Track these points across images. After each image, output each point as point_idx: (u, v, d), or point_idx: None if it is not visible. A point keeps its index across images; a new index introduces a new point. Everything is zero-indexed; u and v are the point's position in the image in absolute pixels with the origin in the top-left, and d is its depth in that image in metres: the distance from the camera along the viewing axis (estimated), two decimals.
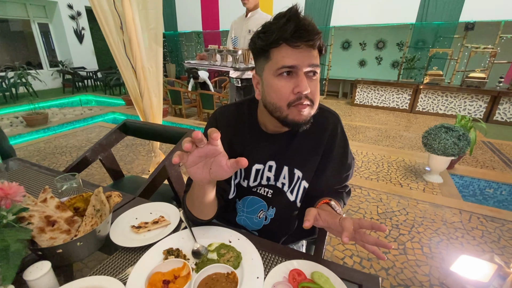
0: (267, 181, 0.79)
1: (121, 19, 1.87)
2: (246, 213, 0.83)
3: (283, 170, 0.76)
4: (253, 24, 2.02)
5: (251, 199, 0.82)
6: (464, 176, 2.96)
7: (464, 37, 6.04)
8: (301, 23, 0.58)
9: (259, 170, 0.77)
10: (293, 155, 0.75)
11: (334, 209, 0.67)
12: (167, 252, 0.64)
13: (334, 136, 0.75)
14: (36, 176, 1.07)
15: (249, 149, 0.76)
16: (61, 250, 0.59)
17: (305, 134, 0.74)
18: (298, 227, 0.84)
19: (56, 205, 0.72)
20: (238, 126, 0.78)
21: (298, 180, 0.76)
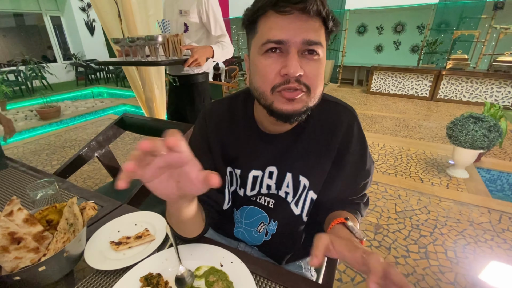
0: (268, 190, 0.67)
1: (118, 6, 1.75)
2: (245, 225, 0.72)
3: (285, 178, 0.64)
4: (184, 2, 1.47)
5: (250, 209, 0.71)
6: (491, 170, 2.73)
7: (493, 18, 5.53)
8: None
9: (257, 177, 0.65)
10: (298, 159, 0.62)
11: (352, 231, 0.52)
12: (145, 279, 0.54)
13: (349, 137, 0.60)
14: (21, 179, 0.99)
15: (245, 152, 0.64)
16: (18, 277, 0.50)
17: (312, 134, 0.61)
18: (304, 242, 0.72)
19: (24, 219, 0.62)
20: (232, 125, 0.65)
21: (304, 189, 0.63)
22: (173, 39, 1.23)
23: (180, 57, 1.27)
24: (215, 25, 1.46)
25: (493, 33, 5.64)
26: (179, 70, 1.52)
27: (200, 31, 1.51)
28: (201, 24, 1.49)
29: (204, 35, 1.53)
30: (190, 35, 1.51)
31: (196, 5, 1.43)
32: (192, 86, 1.60)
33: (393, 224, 1.88)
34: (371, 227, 1.85)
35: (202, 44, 1.52)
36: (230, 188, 0.69)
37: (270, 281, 0.56)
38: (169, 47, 1.24)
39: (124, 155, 2.91)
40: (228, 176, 0.67)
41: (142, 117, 1.50)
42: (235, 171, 0.66)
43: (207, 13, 1.43)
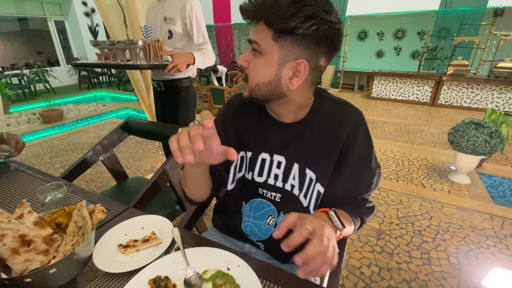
0: (275, 180, 0.69)
1: (124, 12, 1.78)
2: (253, 218, 0.74)
3: (292, 169, 0.67)
4: (169, 9, 1.47)
5: (259, 202, 0.73)
6: (493, 176, 2.73)
7: (493, 24, 5.59)
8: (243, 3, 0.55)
9: (265, 160, 0.69)
10: (305, 151, 0.65)
11: (332, 220, 0.53)
12: (153, 282, 0.55)
13: (355, 134, 0.63)
14: (28, 182, 1.01)
15: (256, 136, 0.70)
16: (30, 279, 0.51)
17: (319, 128, 0.65)
18: None
19: (34, 221, 0.63)
20: (248, 112, 0.72)
21: (311, 182, 0.66)
22: (154, 44, 1.22)
23: (161, 62, 1.27)
24: (198, 32, 1.48)
25: (493, 40, 5.68)
26: (162, 74, 1.54)
27: (184, 39, 1.53)
28: (185, 31, 1.51)
29: (188, 42, 1.55)
30: (174, 42, 1.53)
31: (181, 12, 1.45)
32: (177, 90, 1.61)
33: (395, 229, 1.88)
34: (373, 233, 1.85)
35: (185, 51, 1.54)
36: (238, 174, 0.74)
37: (277, 285, 0.57)
38: (150, 52, 1.23)
39: (127, 158, 2.92)
40: (238, 161, 0.73)
41: (146, 122, 1.52)
42: (246, 154, 0.72)
43: (190, 20, 1.45)
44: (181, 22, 1.47)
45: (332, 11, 0.53)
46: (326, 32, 0.53)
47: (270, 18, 0.52)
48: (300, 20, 0.51)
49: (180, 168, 1.27)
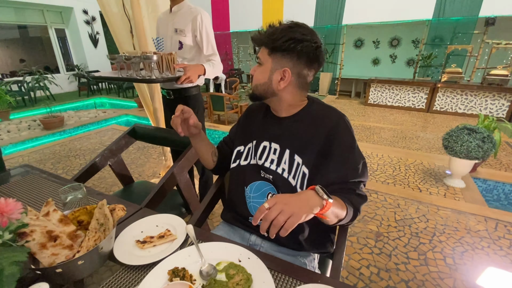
0: (270, 164, 0.83)
1: (131, 23, 1.86)
2: (253, 199, 0.86)
3: (284, 154, 0.82)
4: (180, 21, 1.53)
5: (258, 184, 0.86)
6: (487, 180, 2.80)
7: (485, 33, 5.76)
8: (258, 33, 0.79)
9: (265, 147, 0.86)
10: (295, 139, 0.81)
11: (318, 193, 0.60)
12: (172, 272, 0.60)
13: (336, 129, 0.77)
14: (45, 184, 1.06)
15: (260, 128, 0.90)
16: (60, 269, 0.56)
17: (307, 122, 0.82)
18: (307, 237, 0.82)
19: (59, 219, 0.68)
20: (257, 114, 0.94)
21: (298, 166, 0.79)
22: (167, 57, 1.29)
23: (174, 74, 1.33)
24: (207, 44, 1.55)
25: (486, 48, 5.84)
26: (172, 84, 1.59)
27: (193, 49, 1.60)
28: (194, 43, 1.57)
29: (197, 53, 1.61)
30: (184, 52, 1.60)
31: (191, 24, 1.52)
32: (186, 99, 1.66)
33: (393, 232, 1.93)
34: (372, 235, 1.90)
35: (194, 61, 1.60)
36: (244, 162, 0.90)
37: (283, 274, 0.62)
38: (163, 64, 1.29)
39: (129, 164, 2.96)
40: (246, 150, 0.91)
41: (152, 127, 1.58)
42: (252, 143, 0.90)
43: (200, 32, 1.52)
44: (192, 34, 1.54)
45: (310, 35, 0.74)
46: (303, 48, 0.73)
47: (268, 41, 0.76)
48: (284, 40, 0.73)
49: (186, 172, 1.33)
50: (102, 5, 1.90)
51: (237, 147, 0.94)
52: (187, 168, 1.30)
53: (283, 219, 0.54)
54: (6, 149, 3.85)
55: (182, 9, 1.55)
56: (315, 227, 0.82)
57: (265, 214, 0.55)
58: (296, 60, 0.75)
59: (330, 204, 0.59)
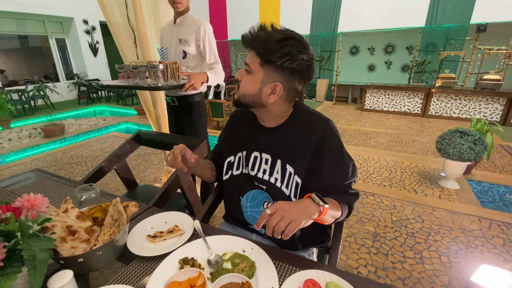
0: (263, 174, 0.86)
1: (135, 33, 1.94)
2: (250, 208, 0.90)
3: (276, 164, 0.83)
4: (185, 32, 1.61)
5: (253, 193, 0.89)
6: (482, 182, 2.87)
7: (476, 39, 5.92)
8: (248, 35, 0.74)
9: (256, 157, 0.87)
10: (285, 150, 0.83)
11: (314, 200, 0.66)
12: (182, 261, 0.66)
13: (324, 137, 0.79)
14: (55, 186, 1.11)
15: (248, 138, 0.90)
16: (82, 259, 0.62)
17: (296, 132, 0.82)
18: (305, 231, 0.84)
19: (77, 215, 0.74)
20: (243, 122, 0.93)
21: (290, 175, 0.81)
22: (172, 66, 1.37)
23: (178, 82, 1.41)
24: (210, 53, 1.64)
25: (478, 54, 6.00)
26: (176, 91, 1.67)
27: (196, 58, 1.68)
28: (198, 52, 1.66)
29: (200, 61, 1.70)
30: (188, 61, 1.68)
31: (195, 35, 1.60)
32: (190, 105, 1.74)
33: (390, 232, 1.99)
34: (369, 235, 1.95)
35: (198, 69, 1.69)
36: (236, 171, 0.91)
37: (284, 263, 0.68)
38: (168, 72, 1.37)
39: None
40: (236, 160, 0.92)
41: (156, 133, 1.64)
42: (242, 153, 0.90)
43: (203, 42, 1.61)
44: (195, 44, 1.62)
45: (305, 51, 0.72)
46: (297, 66, 0.72)
47: (260, 50, 0.73)
48: (279, 55, 0.70)
49: (190, 175, 1.39)
50: (107, 16, 1.98)
51: (227, 157, 0.94)
52: (190, 171, 1.36)
53: (284, 225, 0.59)
54: (8, 157, 3.89)
55: (186, 21, 1.64)
56: (312, 225, 0.87)
57: (267, 221, 0.60)
58: (288, 76, 0.74)
59: (326, 209, 0.65)
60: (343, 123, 5.34)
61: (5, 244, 0.51)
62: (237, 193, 0.91)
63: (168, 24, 1.73)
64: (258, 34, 0.73)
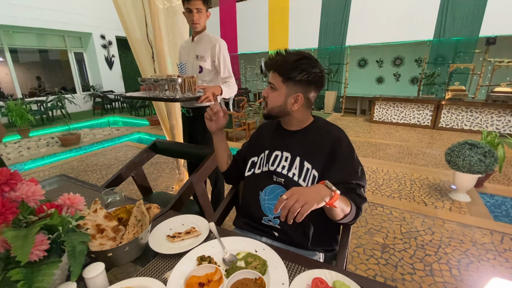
0: (282, 169, 0.97)
1: (153, 49, 2.07)
2: (267, 201, 0.99)
3: (295, 161, 0.96)
4: (201, 49, 1.76)
5: (272, 187, 0.99)
6: (495, 195, 2.82)
7: (486, 52, 5.92)
8: (269, 61, 0.93)
9: (277, 155, 1.00)
10: (305, 148, 0.96)
11: (327, 186, 0.73)
12: (200, 258, 0.71)
13: (338, 142, 0.93)
14: (81, 190, 1.20)
15: (272, 139, 1.05)
16: (111, 254, 0.68)
17: (315, 134, 0.98)
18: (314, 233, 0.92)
19: (104, 215, 0.81)
20: (269, 129, 1.10)
21: (308, 170, 0.93)
22: (189, 79, 1.48)
23: (194, 94, 1.54)
24: (224, 68, 1.78)
25: (488, 66, 5.98)
26: (192, 103, 1.80)
27: (211, 73, 1.82)
28: (213, 67, 1.80)
29: (215, 76, 1.84)
30: (203, 76, 1.82)
31: (211, 51, 1.75)
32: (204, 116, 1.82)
33: (399, 244, 1.98)
34: (378, 246, 1.95)
35: (212, 82, 1.82)
36: (258, 170, 1.04)
37: (294, 263, 0.73)
38: (185, 85, 1.50)
39: None
40: (259, 160, 1.05)
41: (172, 142, 1.73)
42: (265, 152, 1.04)
43: (218, 58, 1.75)
44: (210, 60, 1.76)
45: (317, 66, 0.90)
46: (312, 78, 0.90)
47: (281, 70, 0.91)
48: (297, 72, 0.88)
49: (203, 182, 1.46)
50: (128, 33, 2.13)
51: (251, 158, 1.08)
52: (203, 178, 1.43)
53: (299, 206, 0.66)
54: (27, 164, 4.06)
55: (203, 39, 1.78)
56: (321, 225, 0.92)
57: (284, 203, 0.67)
58: (306, 86, 0.91)
59: (337, 195, 0.72)
60: (352, 134, 5.35)
61: (49, 236, 0.58)
62: (256, 188, 1.02)
63: (186, 42, 1.88)
64: (277, 59, 0.91)
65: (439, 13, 5.98)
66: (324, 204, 0.70)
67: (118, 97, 8.63)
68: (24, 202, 0.59)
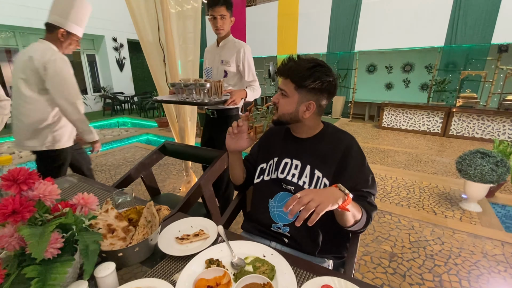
0: (292, 177, 0.96)
1: (164, 52, 2.11)
2: (277, 208, 0.98)
3: (305, 169, 0.95)
4: (226, 54, 1.80)
5: (281, 195, 0.99)
6: (507, 206, 2.75)
7: (498, 59, 5.82)
8: (282, 67, 0.91)
9: (287, 163, 0.99)
10: (315, 157, 0.95)
11: (340, 189, 0.71)
12: (208, 261, 0.72)
13: (350, 149, 0.92)
14: (91, 190, 1.22)
15: (282, 147, 1.03)
16: (121, 254, 0.69)
17: (325, 142, 0.96)
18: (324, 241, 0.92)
19: (115, 215, 0.83)
20: (277, 134, 1.08)
21: (318, 179, 0.92)
22: (216, 84, 1.54)
23: (221, 98, 1.58)
24: (248, 72, 1.82)
25: (500, 74, 5.87)
26: (217, 105, 1.84)
27: (236, 77, 1.86)
28: (237, 71, 1.84)
29: (239, 80, 1.88)
30: (228, 79, 1.87)
31: (235, 56, 1.79)
32: (227, 118, 1.91)
33: (407, 253, 1.95)
34: (385, 255, 1.92)
35: (237, 86, 1.87)
36: (267, 177, 1.02)
37: (302, 269, 0.72)
38: (212, 89, 1.56)
39: None
40: (267, 167, 1.04)
41: (181, 144, 1.75)
42: (274, 159, 1.02)
43: (243, 63, 1.79)
44: (235, 64, 1.81)
45: (330, 74, 0.89)
46: (326, 87, 0.88)
47: (294, 77, 0.89)
48: (311, 80, 0.87)
49: (211, 185, 1.47)
50: (140, 36, 2.17)
51: (260, 164, 1.07)
52: (211, 181, 1.44)
53: (314, 205, 0.64)
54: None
55: (228, 44, 1.83)
56: (331, 233, 0.92)
57: (298, 200, 0.65)
58: (319, 94, 0.90)
59: (350, 198, 0.71)
60: (360, 140, 5.30)
61: (63, 234, 0.60)
62: (266, 195, 1.01)
63: (211, 47, 1.93)
64: (290, 65, 0.89)
65: (451, 19, 5.91)
66: (338, 206, 0.69)
67: (128, 98, 8.78)
68: (40, 201, 0.60)
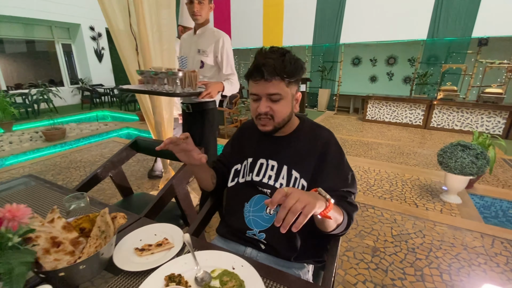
0: (268, 179, 0.89)
1: (136, 40, 1.96)
2: (253, 212, 0.90)
3: (282, 170, 0.88)
4: (204, 43, 1.67)
5: (257, 198, 0.91)
6: (484, 197, 2.82)
7: (478, 53, 5.96)
8: (260, 63, 0.78)
9: (262, 164, 0.92)
10: (292, 156, 0.89)
11: (321, 194, 0.64)
12: (168, 278, 0.63)
13: (328, 145, 0.87)
14: (47, 193, 1.09)
15: (256, 146, 0.96)
16: (63, 273, 0.59)
17: (302, 139, 0.90)
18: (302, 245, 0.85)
19: (63, 226, 0.72)
20: (252, 133, 1.00)
21: (296, 180, 0.86)
22: (190, 74, 1.40)
23: (195, 90, 1.44)
24: (227, 65, 1.68)
25: (480, 67, 6.01)
26: (191, 98, 1.71)
27: (213, 69, 1.72)
28: (215, 62, 1.70)
29: (217, 72, 1.73)
30: (204, 71, 1.71)
31: (214, 46, 1.64)
32: (203, 112, 1.77)
33: (390, 247, 1.94)
34: (368, 250, 1.90)
35: (214, 79, 1.72)
36: (241, 179, 0.95)
37: (275, 282, 0.65)
38: (186, 80, 1.40)
39: (128, 176, 2.97)
40: (242, 168, 0.96)
41: (154, 140, 1.63)
42: (248, 160, 0.95)
43: (221, 54, 1.65)
44: (213, 55, 1.66)
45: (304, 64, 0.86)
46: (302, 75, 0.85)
47: (283, 75, 0.79)
48: (298, 72, 0.82)
49: (185, 184, 1.37)
50: (110, 23, 2.00)
51: (234, 165, 0.99)
52: (185, 180, 1.34)
53: (300, 207, 0.55)
54: (8, 160, 3.88)
55: (206, 32, 1.69)
56: (310, 237, 0.85)
57: (284, 202, 0.56)
58: (299, 81, 0.87)
59: (331, 204, 0.63)
60: (344, 133, 5.31)
61: None
62: (242, 199, 0.93)
63: (188, 34, 1.78)
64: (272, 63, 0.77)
65: (433, 13, 5.97)
66: (319, 213, 0.61)
67: (108, 91, 8.40)
68: None
